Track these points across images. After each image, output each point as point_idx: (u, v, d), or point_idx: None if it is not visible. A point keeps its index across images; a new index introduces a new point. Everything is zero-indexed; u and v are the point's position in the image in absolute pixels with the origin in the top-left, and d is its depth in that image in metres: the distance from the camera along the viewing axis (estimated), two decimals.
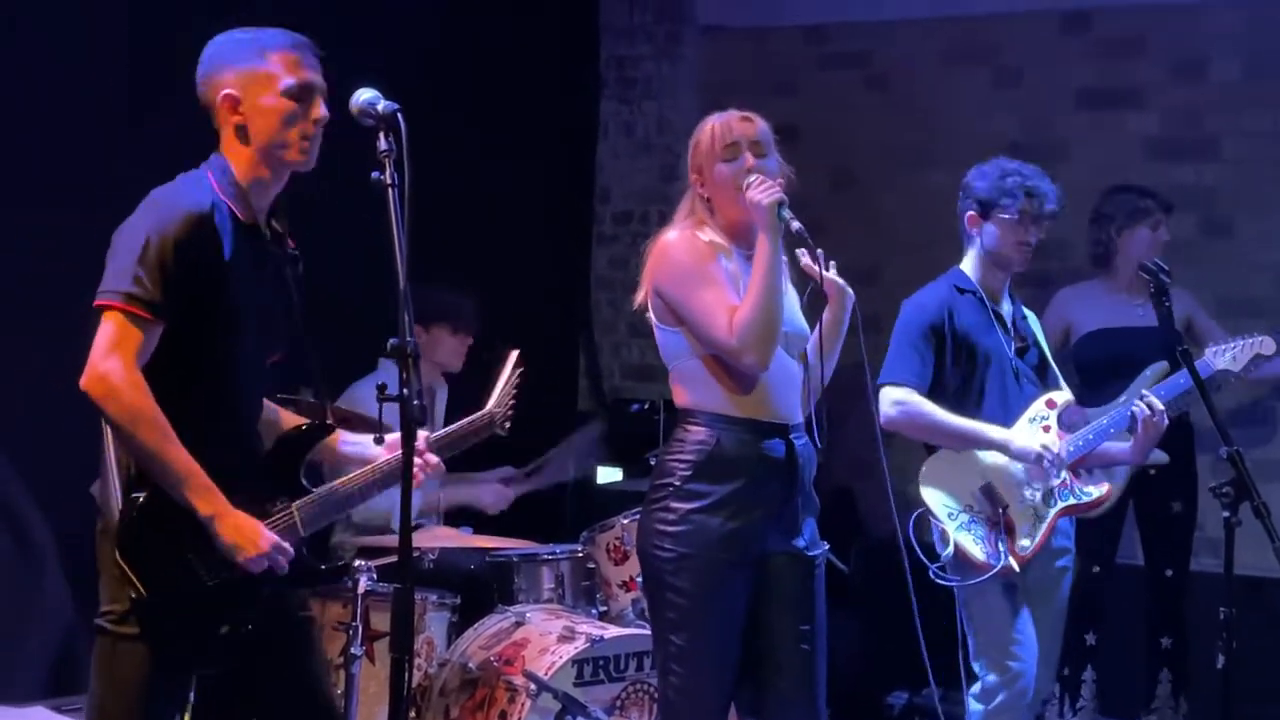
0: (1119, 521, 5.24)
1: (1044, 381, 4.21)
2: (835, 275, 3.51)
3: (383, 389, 2.69)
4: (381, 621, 4.16)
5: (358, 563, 4.14)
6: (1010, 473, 4.06)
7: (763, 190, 3.37)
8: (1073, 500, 4.08)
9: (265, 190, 3.05)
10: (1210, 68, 6.01)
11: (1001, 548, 3.98)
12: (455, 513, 5.32)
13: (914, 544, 3.95)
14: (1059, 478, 4.05)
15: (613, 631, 4.37)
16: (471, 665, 4.36)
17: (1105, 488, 4.13)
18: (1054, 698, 5.16)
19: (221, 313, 2.94)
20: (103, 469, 2.94)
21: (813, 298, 3.52)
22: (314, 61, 3.02)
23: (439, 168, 5.48)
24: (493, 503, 5.34)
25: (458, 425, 3.41)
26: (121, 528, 2.89)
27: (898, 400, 4.05)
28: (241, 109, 2.99)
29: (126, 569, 2.87)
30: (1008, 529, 4.00)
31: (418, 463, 3.10)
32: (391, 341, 2.62)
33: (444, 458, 3.25)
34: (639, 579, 4.67)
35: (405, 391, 2.59)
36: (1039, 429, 4.08)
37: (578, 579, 4.75)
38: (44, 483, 4.53)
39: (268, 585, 2.97)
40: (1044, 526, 4.04)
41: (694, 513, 3.39)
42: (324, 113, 3.00)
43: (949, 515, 4.00)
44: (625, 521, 4.75)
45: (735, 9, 6.85)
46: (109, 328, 2.85)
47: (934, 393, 4.07)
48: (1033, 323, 4.32)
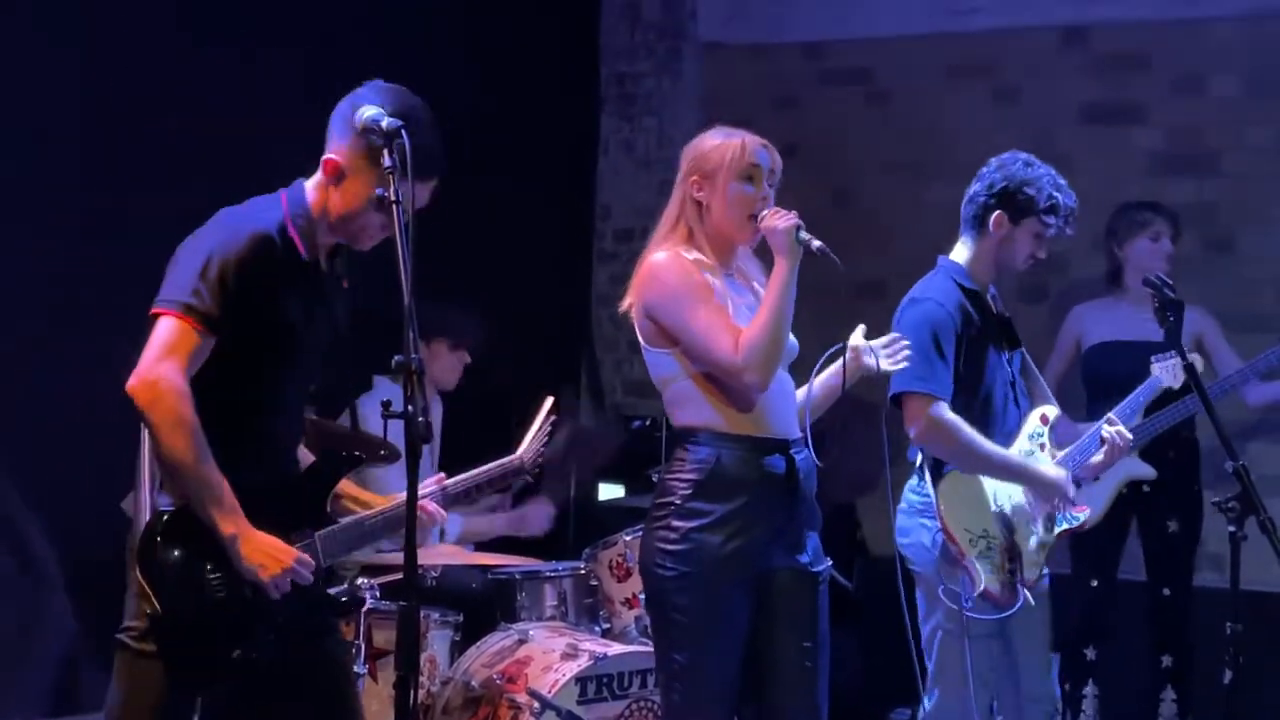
0: (1120, 537, 5.23)
1: (1027, 384, 4.13)
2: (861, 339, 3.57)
3: (387, 406, 2.69)
4: (384, 639, 4.15)
5: (360, 580, 4.13)
6: (1020, 499, 4.01)
7: (779, 217, 3.38)
8: (1066, 525, 4.06)
9: (329, 235, 3.07)
10: (1211, 83, 6.02)
11: (1016, 581, 3.92)
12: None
13: (943, 576, 3.91)
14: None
15: (616, 649, 4.36)
16: (474, 683, 4.35)
17: (1087, 510, 4.12)
18: (1057, 713, 5.14)
19: (270, 339, 2.96)
20: (137, 484, 2.95)
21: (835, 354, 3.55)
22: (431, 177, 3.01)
23: (441, 185, 5.51)
24: (543, 527, 5.34)
25: (485, 470, 3.38)
26: (142, 542, 2.89)
27: (935, 415, 3.87)
28: (341, 182, 3.00)
29: (145, 585, 2.86)
30: (1016, 556, 3.95)
31: (430, 509, 3.15)
32: (396, 358, 2.61)
33: (466, 502, 3.26)
34: (642, 596, 4.66)
35: (410, 409, 2.58)
36: (1036, 447, 4.03)
37: (580, 596, 4.74)
38: (47, 501, 4.52)
39: (281, 613, 2.96)
40: (1046, 552, 4.01)
41: (695, 531, 3.38)
42: (389, 163, 2.92)
43: (969, 541, 3.90)
44: (628, 538, 4.74)
45: (735, 26, 6.86)
46: (164, 333, 2.86)
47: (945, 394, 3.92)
48: (1011, 319, 4.17)
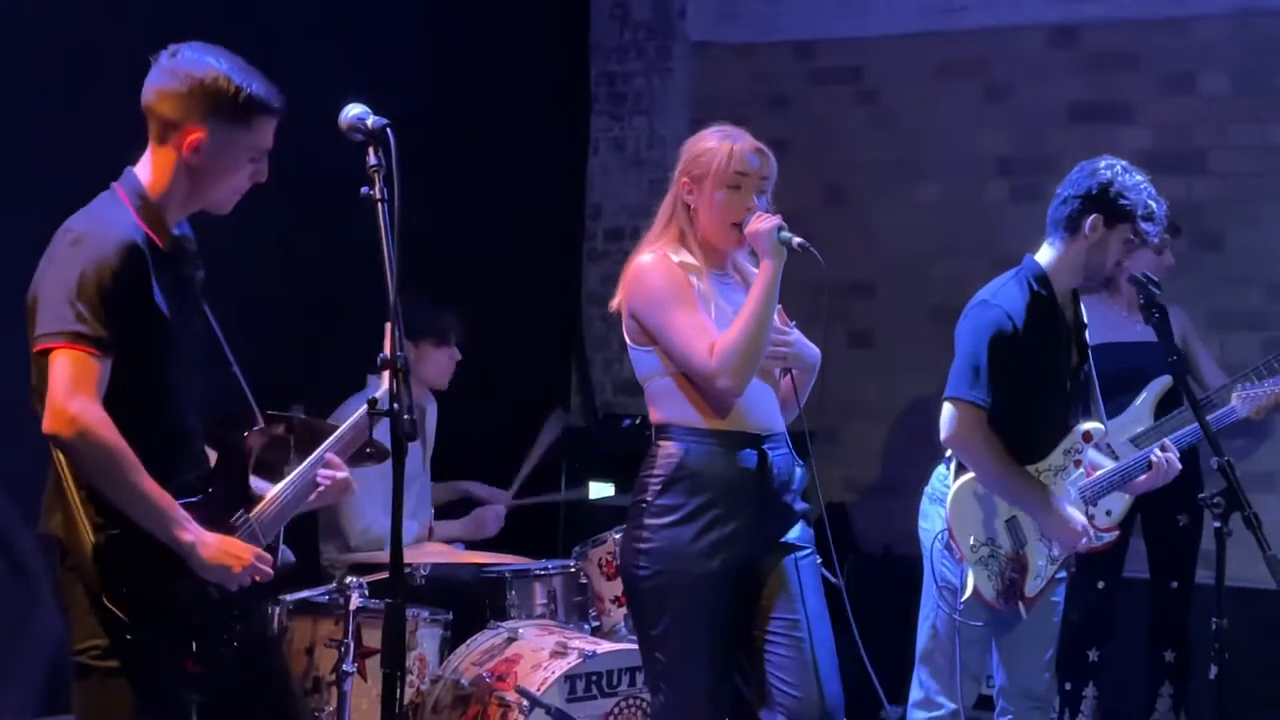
0: (1125, 538, 5.23)
1: (1087, 398, 4.10)
2: (798, 335, 3.54)
3: (373, 403, 2.69)
4: (373, 638, 4.15)
5: (349, 579, 4.14)
6: None
7: (762, 220, 3.41)
8: (1087, 544, 4.03)
9: (177, 214, 3.00)
10: (1199, 82, 6.04)
11: (1014, 591, 3.92)
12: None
13: (944, 563, 3.93)
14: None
15: (605, 647, 4.36)
16: (464, 681, 4.35)
17: (1115, 533, 4.11)
18: (1050, 711, 5.15)
19: (157, 341, 2.90)
20: (65, 507, 2.87)
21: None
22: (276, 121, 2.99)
23: (431, 184, 5.51)
24: (495, 528, 5.33)
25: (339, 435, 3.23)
26: (101, 567, 2.82)
27: (968, 425, 3.85)
28: (204, 156, 2.93)
29: (113, 607, 2.82)
30: (1022, 568, 3.94)
31: (325, 474, 3.08)
32: (381, 355, 2.62)
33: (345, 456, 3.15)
34: None
35: (395, 405, 2.59)
36: (1071, 463, 4.00)
37: (570, 594, 4.74)
38: (35, 503, 4.51)
39: (242, 602, 2.97)
40: (1054, 568, 3.99)
41: (666, 528, 3.39)
42: (264, 176, 2.99)
43: (971, 546, 3.90)
44: (617, 537, 4.73)
45: (725, 25, 6.87)
46: (64, 367, 2.76)
47: (993, 407, 3.88)
48: (1086, 327, 4.14)
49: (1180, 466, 4.08)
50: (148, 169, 2.97)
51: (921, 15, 6.47)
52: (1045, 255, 4.01)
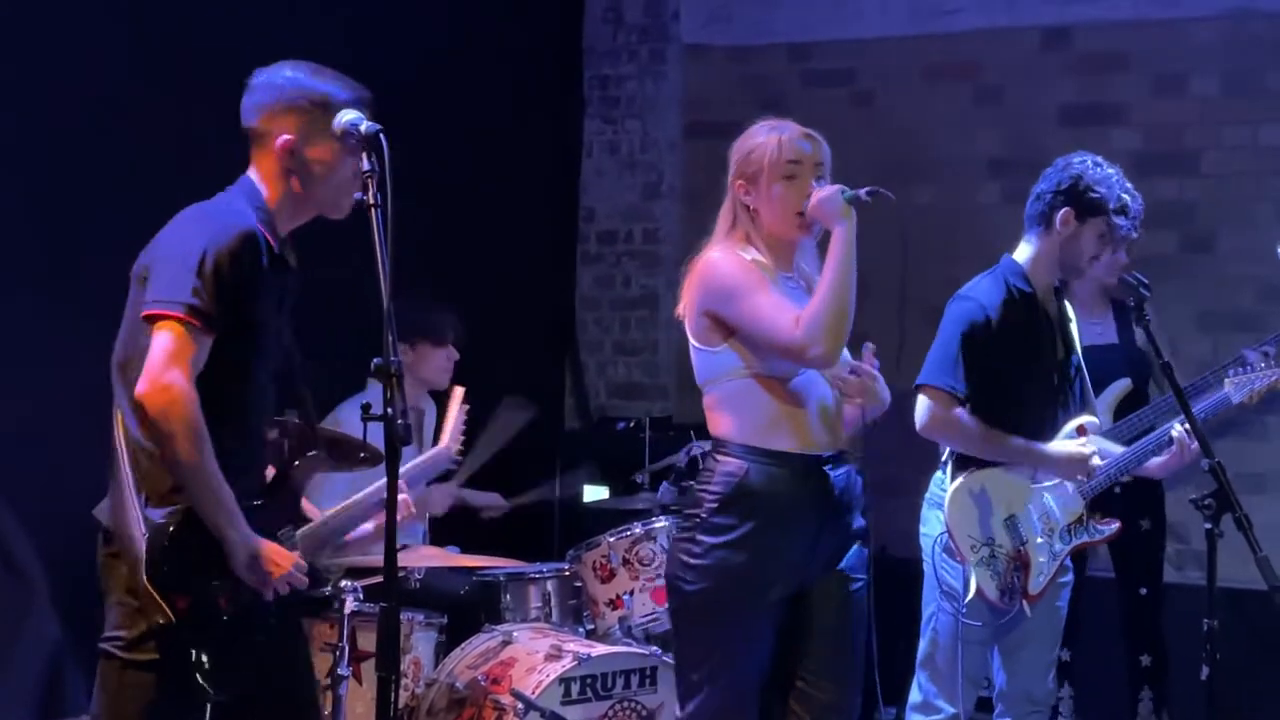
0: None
1: (1078, 392, 4.10)
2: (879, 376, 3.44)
3: (367, 409, 2.69)
4: (368, 642, 4.15)
5: (344, 583, 4.14)
6: (1032, 509, 4.00)
7: (821, 192, 3.33)
8: (1087, 538, 4.05)
9: (289, 222, 3.06)
10: (1190, 83, 6.07)
11: (1017, 589, 3.93)
12: (444, 532, 5.32)
13: (945, 566, 3.93)
14: (1078, 511, 4.02)
15: (600, 649, 4.37)
16: (459, 685, 4.36)
17: (1117, 524, 4.11)
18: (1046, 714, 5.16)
19: (254, 336, 2.95)
20: (115, 491, 2.90)
21: None
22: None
23: (425, 188, 5.51)
24: (439, 501, 5.32)
25: (417, 462, 3.56)
26: (152, 554, 2.84)
27: (941, 409, 3.88)
28: (298, 158, 2.99)
29: (156, 596, 2.83)
30: (1024, 565, 3.95)
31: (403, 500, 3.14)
32: (375, 361, 2.63)
33: (413, 489, 3.33)
34: (625, 597, 4.70)
35: (389, 411, 2.59)
36: None
37: (564, 597, 4.75)
38: (31, 505, 4.53)
39: (273, 613, 2.98)
40: (1057, 564, 4.00)
41: (719, 547, 3.31)
42: (367, 166, 2.93)
43: (971, 547, 3.90)
44: (611, 540, 4.76)
45: (718, 28, 6.89)
46: (168, 338, 2.81)
47: (975, 399, 3.90)
48: (1073, 321, 4.17)
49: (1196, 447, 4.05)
50: (256, 176, 3.04)
51: (914, 17, 6.49)
52: (1023, 252, 4.04)
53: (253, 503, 2.95)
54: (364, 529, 5.09)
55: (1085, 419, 4.07)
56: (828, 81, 6.62)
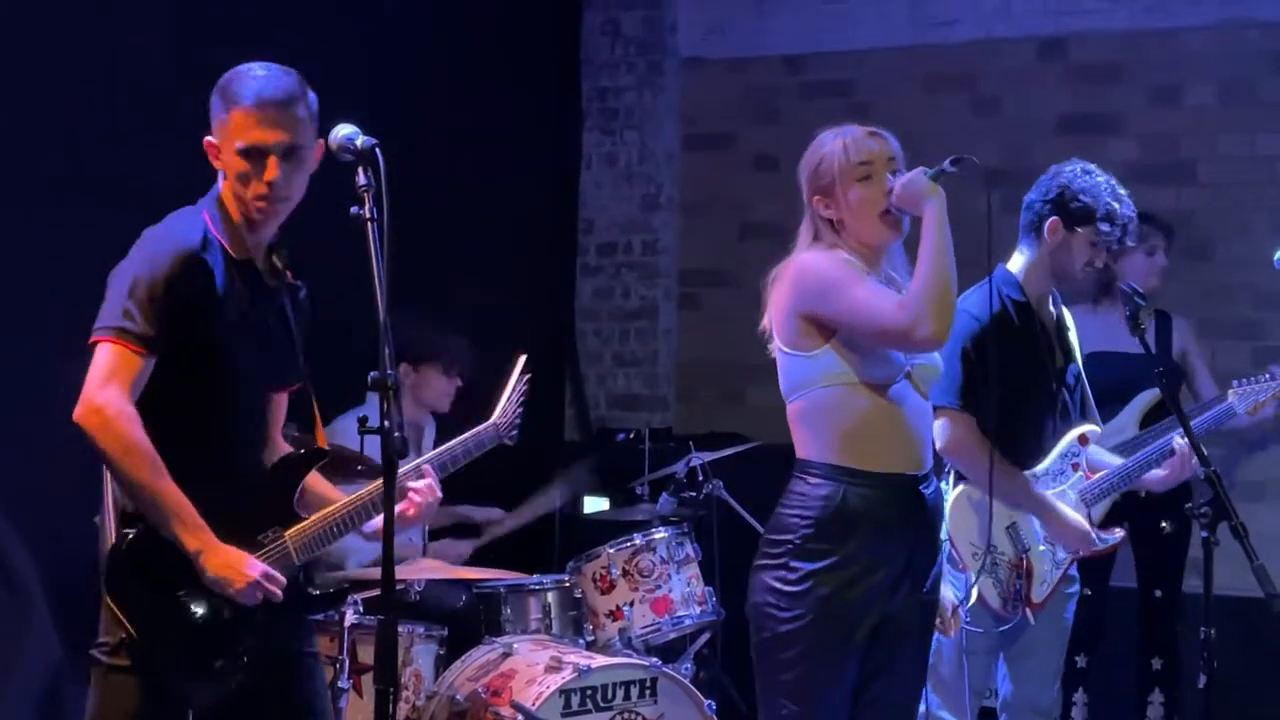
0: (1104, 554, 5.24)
1: (1078, 401, 4.09)
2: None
3: (363, 422, 2.70)
4: (368, 654, 4.16)
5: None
6: (1034, 517, 3.99)
7: (899, 181, 3.25)
8: (1090, 548, 4.04)
9: (257, 228, 3.05)
10: (1186, 93, 6.08)
11: (1020, 596, 3.92)
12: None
13: (948, 577, 3.92)
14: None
15: (600, 661, 4.37)
16: (459, 697, 4.36)
17: (1120, 534, 4.11)
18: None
19: (212, 348, 2.95)
20: (103, 501, 2.97)
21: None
22: (279, 117, 2.96)
23: (424, 202, 5.53)
24: (483, 519, 5.34)
25: (460, 439, 3.25)
26: (109, 566, 2.90)
27: (960, 431, 3.85)
28: (220, 158, 3.02)
29: (115, 609, 2.88)
30: (1027, 573, 3.94)
31: (420, 488, 3.10)
32: (372, 375, 2.63)
33: (447, 474, 3.17)
34: (625, 608, 4.70)
35: (386, 424, 2.60)
36: (1069, 466, 4.02)
37: (565, 609, 4.75)
38: (31, 519, 4.53)
39: (261, 616, 2.98)
40: (1060, 572, 4.00)
41: (816, 573, 3.22)
42: (275, 175, 2.95)
43: (973, 555, 3.89)
44: (611, 551, 4.76)
45: (716, 40, 6.91)
46: (102, 360, 2.87)
47: (976, 412, 3.88)
48: (1073, 333, 4.17)
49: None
50: (220, 183, 3.04)
51: (911, 29, 6.51)
52: (1016, 262, 4.05)
53: (224, 510, 2.95)
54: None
55: (1086, 428, 4.07)
56: (825, 92, 6.63)
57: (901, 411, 3.30)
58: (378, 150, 2.81)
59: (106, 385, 2.85)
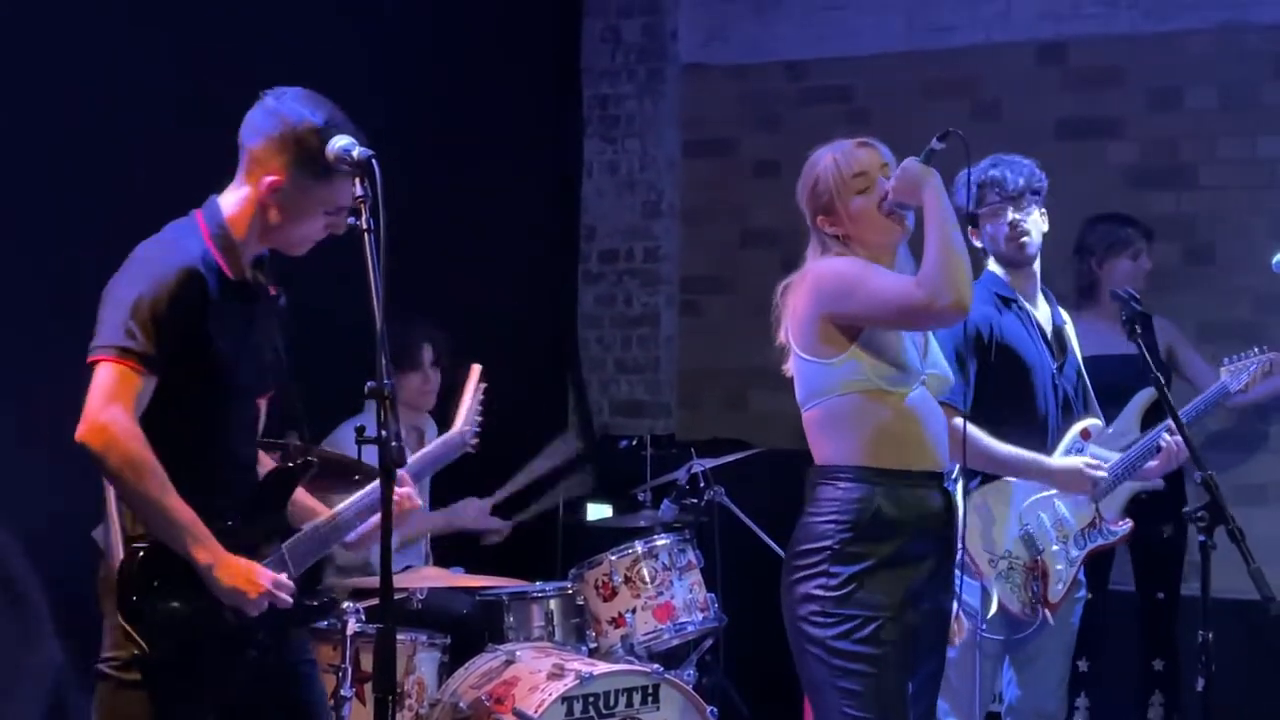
0: (1112, 549, 5.25)
1: (1079, 396, 4.13)
2: None
3: (361, 431, 2.71)
4: (371, 663, 4.16)
5: (346, 604, 4.16)
6: (1044, 517, 4.02)
7: (895, 172, 3.28)
8: (1102, 540, 4.08)
9: (253, 249, 3.07)
10: (1186, 97, 6.09)
11: (1038, 598, 3.94)
12: (449, 552, 5.33)
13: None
14: (1090, 515, 4.03)
15: (602, 668, 4.37)
16: (462, 705, 4.37)
17: (1129, 524, 4.13)
18: None
19: (211, 365, 2.96)
20: (106, 516, 2.96)
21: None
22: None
23: (426, 211, 5.53)
24: (474, 518, 5.30)
25: (429, 449, 3.48)
26: (122, 584, 2.90)
27: (951, 426, 3.83)
28: (280, 199, 3.00)
29: (128, 628, 2.88)
30: (1042, 575, 3.97)
31: (397, 496, 3.12)
32: (369, 384, 2.64)
33: (420, 481, 3.27)
34: (628, 615, 4.71)
35: (383, 433, 2.61)
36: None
37: (567, 616, 4.76)
38: (34, 533, 4.54)
39: (263, 627, 2.99)
40: (1075, 570, 4.02)
41: (858, 575, 3.22)
42: (341, 229, 3.00)
43: (989, 562, 3.93)
44: (613, 558, 4.77)
45: (716, 47, 6.92)
46: (104, 379, 2.86)
47: (974, 410, 3.90)
48: (1070, 328, 4.20)
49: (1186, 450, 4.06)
50: (231, 199, 3.05)
51: (910, 34, 6.52)
52: (994, 266, 4.11)
53: (227, 523, 2.97)
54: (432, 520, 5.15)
55: (1089, 422, 4.10)
56: (825, 98, 6.64)
57: (920, 415, 3.32)
58: (374, 161, 2.83)
59: (110, 404, 2.84)
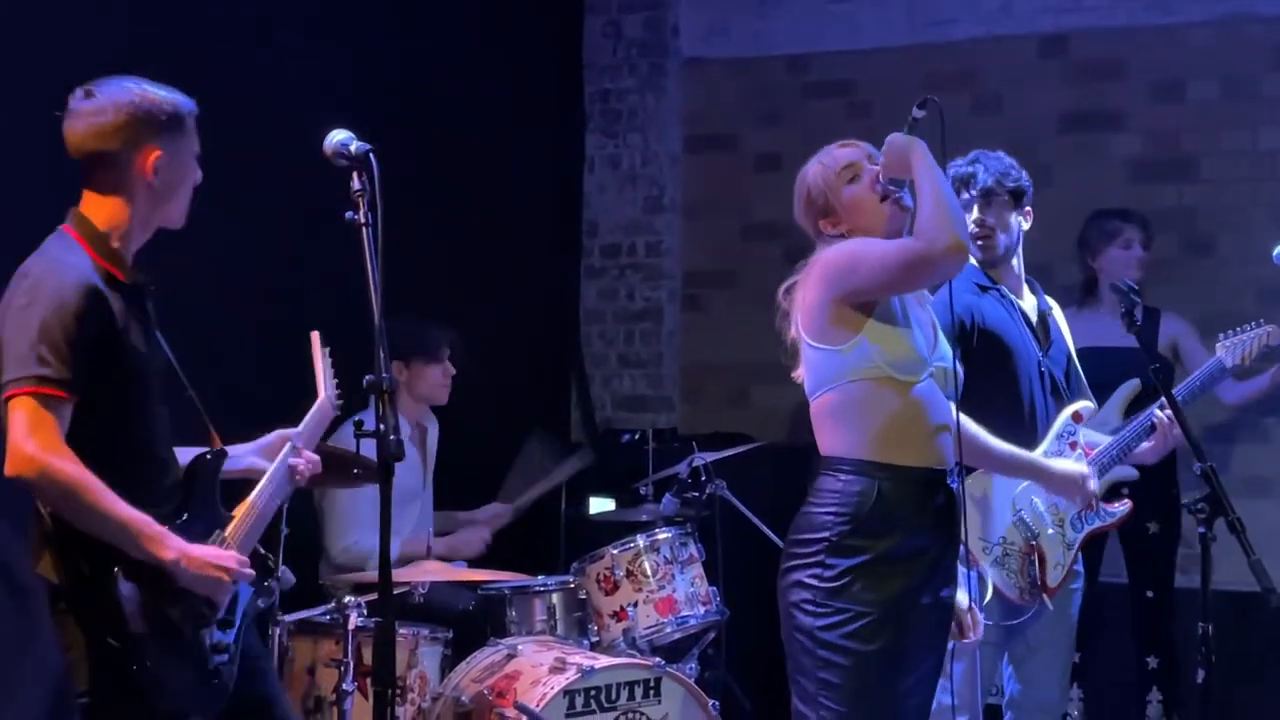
0: (1100, 542, 5.24)
1: (1069, 382, 4.12)
2: None
3: (359, 425, 2.72)
4: (372, 657, 4.17)
5: (348, 599, 4.17)
6: (1038, 501, 4.02)
7: (883, 150, 3.32)
8: (1099, 523, 4.07)
9: (137, 244, 3.06)
10: (1188, 89, 6.08)
11: (1035, 583, 3.95)
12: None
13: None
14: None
15: (604, 661, 4.38)
16: (464, 698, 4.37)
17: (1128, 504, 4.13)
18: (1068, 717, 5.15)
19: (127, 372, 2.95)
20: (51, 549, 2.93)
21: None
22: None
23: (427, 206, 5.53)
24: (478, 548, 5.33)
25: (306, 421, 3.37)
26: (95, 602, 2.87)
27: None
28: (165, 171, 2.99)
29: (114, 641, 2.85)
30: (1039, 560, 3.97)
31: (299, 462, 3.15)
32: (367, 378, 2.65)
33: (313, 448, 3.27)
34: (629, 609, 4.71)
35: (381, 427, 2.62)
36: (1066, 445, 4.04)
37: (569, 610, 4.76)
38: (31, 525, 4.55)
39: (241, 618, 3.01)
40: (1072, 553, 4.02)
41: (854, 569, 3.21)
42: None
43: (983, 550, 3.92)
44: (615, 552, 4.77)
45: (717, 41, 6.91)
46: (23, 413, 2.81)
47: (961, 398, 3.91)
48: (1058, 315, 4.21)
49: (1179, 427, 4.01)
50: (97, 208, 3.01)
51: (912, 28, 6.51)
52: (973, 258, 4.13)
53: (179, 520, 2.98)
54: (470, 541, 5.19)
55: (1080, 404, 4.11)
56: (827, 93, 6.64)
57: (927, 408, 3.31)
58: (372, 155, 2.83)
59: (32, 435, 2.80)
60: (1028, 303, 4.13)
